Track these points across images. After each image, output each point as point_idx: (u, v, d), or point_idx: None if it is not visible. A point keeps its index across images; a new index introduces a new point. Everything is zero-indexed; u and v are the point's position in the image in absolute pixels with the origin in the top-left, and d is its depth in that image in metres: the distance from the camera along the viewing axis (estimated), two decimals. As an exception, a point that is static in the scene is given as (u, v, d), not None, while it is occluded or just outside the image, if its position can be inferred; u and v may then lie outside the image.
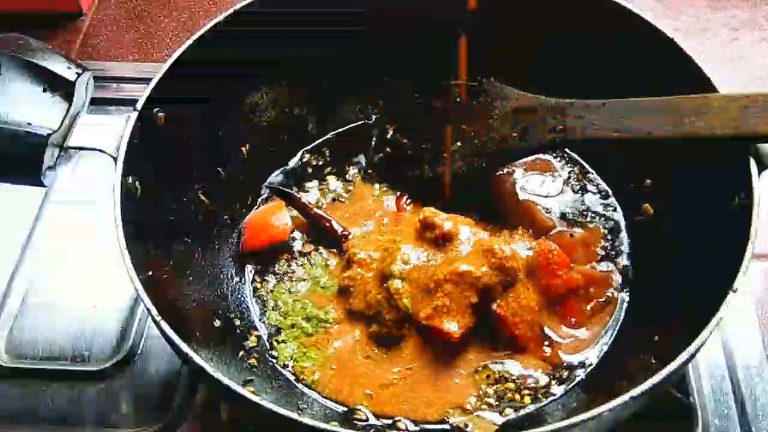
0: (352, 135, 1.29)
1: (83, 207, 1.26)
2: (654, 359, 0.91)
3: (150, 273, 0.95)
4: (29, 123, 0.95)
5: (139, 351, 1.13)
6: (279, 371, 1.05)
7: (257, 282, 1.14)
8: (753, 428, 1.03)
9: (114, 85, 1.44)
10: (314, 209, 1.18)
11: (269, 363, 1.06)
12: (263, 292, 1.13)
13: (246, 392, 0.81)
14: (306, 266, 1.15)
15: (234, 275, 1.14)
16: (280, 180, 1.25)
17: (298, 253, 1.16)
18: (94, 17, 1.62)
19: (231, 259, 1.16)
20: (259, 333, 1.09)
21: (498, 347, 1.04)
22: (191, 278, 1.07)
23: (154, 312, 0.86)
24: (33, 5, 1.57)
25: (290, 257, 1.16)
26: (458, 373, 1.03)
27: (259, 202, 1.22)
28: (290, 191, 1.21)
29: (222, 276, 1.13)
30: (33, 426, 1.07)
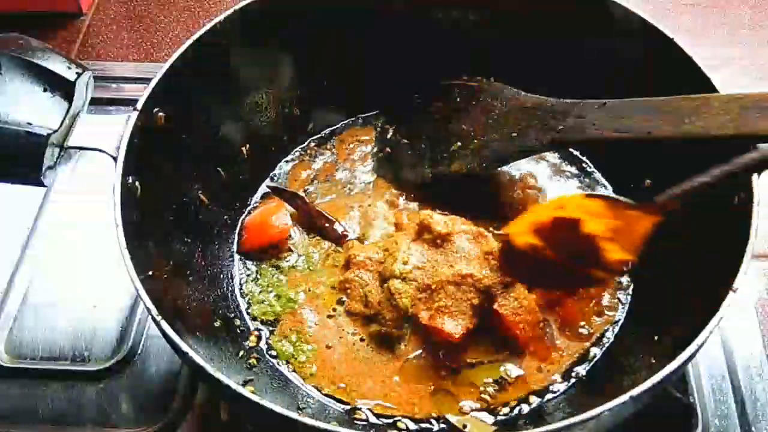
0: (352, 135, 1.30)
1: (83, 207, 1.26)
2: (654, 359, 0.91)
3: (150, 273, 0.95)
4: (29, 123, 0.95)
5: (139, 351, 1.13)
6: (279, 371, 1.05)
7: (257, 282, 1.14)
8: (753, 428, 1.03)
9: (114, 85, 1.44)
10: (314, 209, 1.18)
11: (269, 363, 1.06)
12: (263, 292, 1.13)
13: (246, 392, 0.81)
14: (305, 266, 1.15)
15: (234, 275, 1.15)
16: (280, 180, 1.25)
17: (298, 253, 1.16)
18: (94, 17, 1.62)
19: (231, 259, 1.16)
20: (259, 333, 1.09)
21: (498, 347, 1.04)
22: (191, 278, 1.07)
23: (154, 312, 0.86)
24: (33, 5, 1.57)
25: (290, 257, 1.16)
26: (458, 373, 1.03)
27: (259, 202, 1.22)
28: (290, 191, 1.21)
29: (222, 276, 1.14)
30: (33, 426, 1.07)
